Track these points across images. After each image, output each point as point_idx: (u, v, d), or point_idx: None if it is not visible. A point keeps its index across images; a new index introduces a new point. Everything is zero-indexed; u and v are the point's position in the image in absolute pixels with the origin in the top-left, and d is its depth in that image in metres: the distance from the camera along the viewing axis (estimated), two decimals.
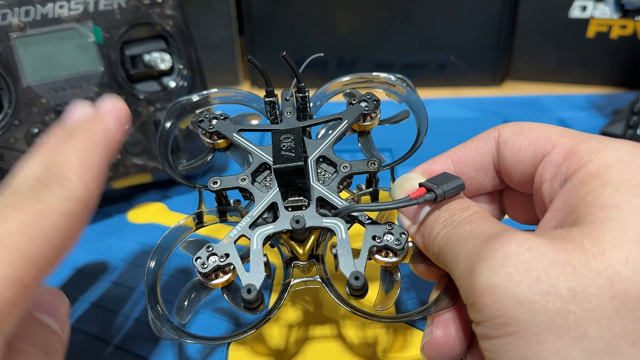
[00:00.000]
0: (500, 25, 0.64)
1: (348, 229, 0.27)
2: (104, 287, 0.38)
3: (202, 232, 0.32)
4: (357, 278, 0.25)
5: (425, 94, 0.68)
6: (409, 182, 0.27)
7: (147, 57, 0.44)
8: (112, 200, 0.48)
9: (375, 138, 0.33)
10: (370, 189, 0.31)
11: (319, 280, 0.28)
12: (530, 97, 0.65)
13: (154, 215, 0.46)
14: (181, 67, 0.46)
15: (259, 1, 0.64)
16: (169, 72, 0.46)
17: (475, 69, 0.67)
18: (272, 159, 0.28)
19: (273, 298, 0.36)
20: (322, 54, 0.33)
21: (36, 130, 0.40)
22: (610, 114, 0.60)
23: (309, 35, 0.67)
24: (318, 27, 0.66)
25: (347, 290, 0.26)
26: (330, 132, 0.31)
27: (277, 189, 0.28)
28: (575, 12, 0.63)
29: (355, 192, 0.32)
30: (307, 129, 0.32)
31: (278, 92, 0.33)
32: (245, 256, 0.27)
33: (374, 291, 0.27)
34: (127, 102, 0.43)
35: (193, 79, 0.46)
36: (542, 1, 0.64)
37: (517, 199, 0.28)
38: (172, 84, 0.45)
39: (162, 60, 0.44)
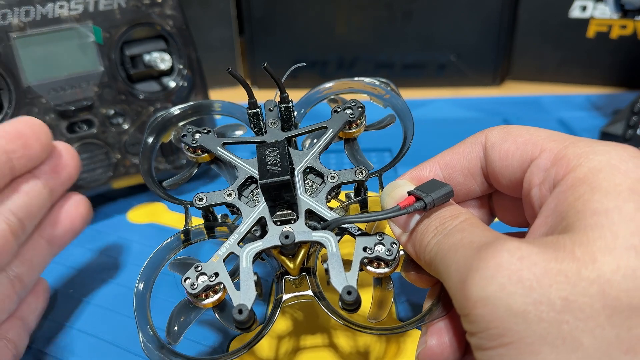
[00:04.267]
0: (500, 25, 0.64)
1: (338, 241, 0.26)
2: (104, 287, 0.38)
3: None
4: (349, 293, 0.24)
5: (425, 94, 0.69)
6: (398, 189, 0.26)
7: (147, 57, 0.44)
8: (112, 200, 0.48)
9: (363, 142, 0.32)
10: (359, 197, 0.30)
11: (311, 294, 0.28)
12: (530, 97, 0.65)
13: (154, 215, 0.46)
14: (181, 67, 0.46)
15: (259, 1, 0.64)
16: (169, 72, 0.46)
17: (475, 69, 0.67)
18: (257, 174, 0.28)
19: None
20: (305, 64, 0.33)
21: None
22: (610, 114, 0.60)
23: (309, 35, 0.67)
24: (318, 27, 0.66)
25: (340, 305, 0.25)
26: (315, 141, 0.31)
27: (265, 203, 0.28)
28: (575, 12, 0.63)
29: (343, 200, 0.31)
30: (293, 139, 0.32)
31: (271, 95, 0.32)
32: (235, 272, 0.27)
33: (367, 301, 0.27)
34: (127, 102, 0.44)
35: (193, 79, 0.46)
36: (542, 1, 0.64)
37: (507, 202, 0.28)
38: (172, 84, 0.46)
39: (162, 60, 0.44)
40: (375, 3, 0.64)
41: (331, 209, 0.28)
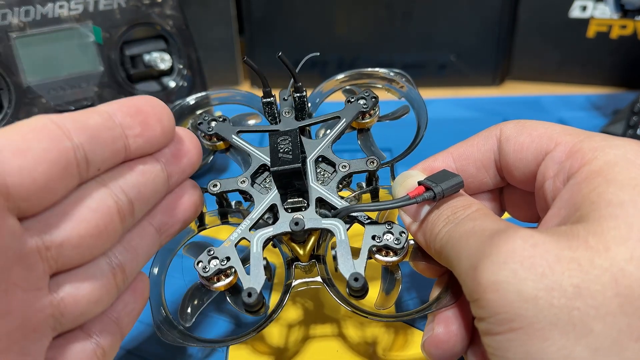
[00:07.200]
0: (500, 25, 0.64)
1: (348, 229, 0.27)
2: None
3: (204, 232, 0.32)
4: (356, 279, 0.25)
5: (426, 94, 0.68)
6: (410, 179, 0.27)
7: (147, 57, 0.44)
8: None
9: (375, 135, 0.33)
10: (370, 187, 0.31)
11: (320, 280, 0.28)
12: (530, 97, 0.65)
13: None
14: (181, 67, 0.46)
15: (259, 1, 0.64)
16: (169, 72, 0.46)
17: (475, 69, 0.67)
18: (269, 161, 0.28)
19: (274, 297, 0.36)
20: (318, 53, 0.33)
21: None
22: (610, 114, 0.59)
23: (309, 35, 0.67)
24: (318, 27, 0.66)
25: (348, 291, 0.26)
26: (329, 131, 0.31)
27: (277, 190, 0.29)
28: (575, 12, 0.63)
29: (355, 190, 0.31)
30: (307, 128, 0.32)
31: (276, 92, 0.32)
32: (246, 258, 0.28)
33: (374, 290, 0.27)
34: None
35: (193, 79, 0.46)
36: (542, 1, 0.64)
37: (518, 196, 0.28)
38: (172, 84, 0.46)
39: (162, 60, 0.44)
40: (375, 3, 0.64)
41: (342, 198, 0.29)
